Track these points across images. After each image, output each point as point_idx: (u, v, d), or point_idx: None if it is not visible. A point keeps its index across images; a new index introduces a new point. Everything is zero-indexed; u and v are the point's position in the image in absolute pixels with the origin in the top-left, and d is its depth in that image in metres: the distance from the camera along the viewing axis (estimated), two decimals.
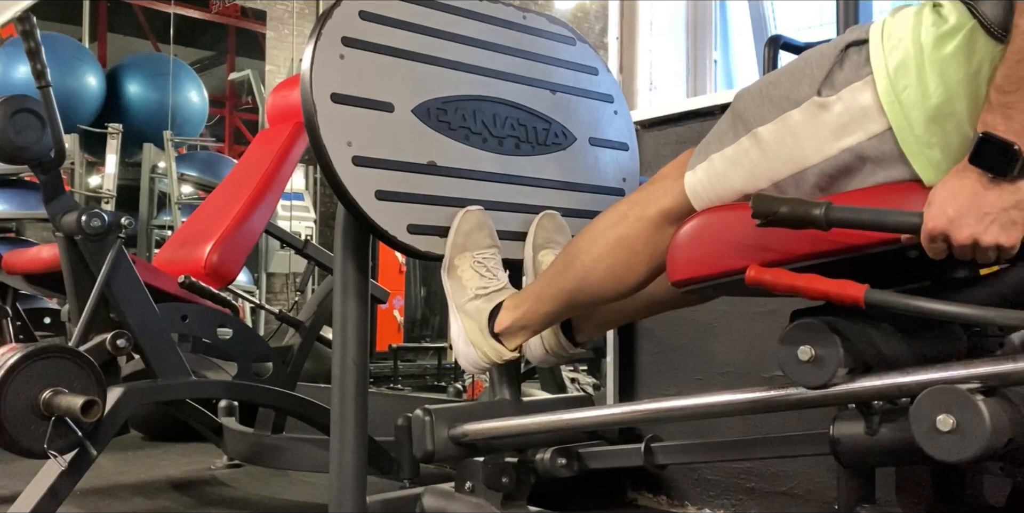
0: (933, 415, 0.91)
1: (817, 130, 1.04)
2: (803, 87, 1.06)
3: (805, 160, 1.05)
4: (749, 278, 1.03)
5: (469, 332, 1.46)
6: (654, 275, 1.28)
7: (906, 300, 0.94)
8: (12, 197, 4.68)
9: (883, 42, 1.00)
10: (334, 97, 1.41)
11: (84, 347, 1.79)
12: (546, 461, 1.45)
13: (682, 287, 1.16)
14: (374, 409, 1.62)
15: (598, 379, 3.85)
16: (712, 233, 1.12)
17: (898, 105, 0.97)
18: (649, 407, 1.28)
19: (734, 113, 1.15)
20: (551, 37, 1.75)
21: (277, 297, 7.45)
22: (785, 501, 2.01)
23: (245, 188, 2.50)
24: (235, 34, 9.09)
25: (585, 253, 1.32)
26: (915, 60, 0.96)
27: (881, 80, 0.98)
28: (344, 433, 1.46)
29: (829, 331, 1.02)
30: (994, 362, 0.94)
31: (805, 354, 1.03)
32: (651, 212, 1.24)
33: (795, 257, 1.03)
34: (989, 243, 0.89)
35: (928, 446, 0.92)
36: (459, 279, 1.49)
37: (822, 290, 0.98)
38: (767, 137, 1.09)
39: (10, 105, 1.78)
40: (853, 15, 1.63)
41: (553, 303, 1.38)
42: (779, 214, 0.97)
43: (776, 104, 1.08)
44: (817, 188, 1.06)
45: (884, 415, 1.10)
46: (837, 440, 1.14)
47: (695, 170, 1.18)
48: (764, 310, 2.07)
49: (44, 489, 1.65)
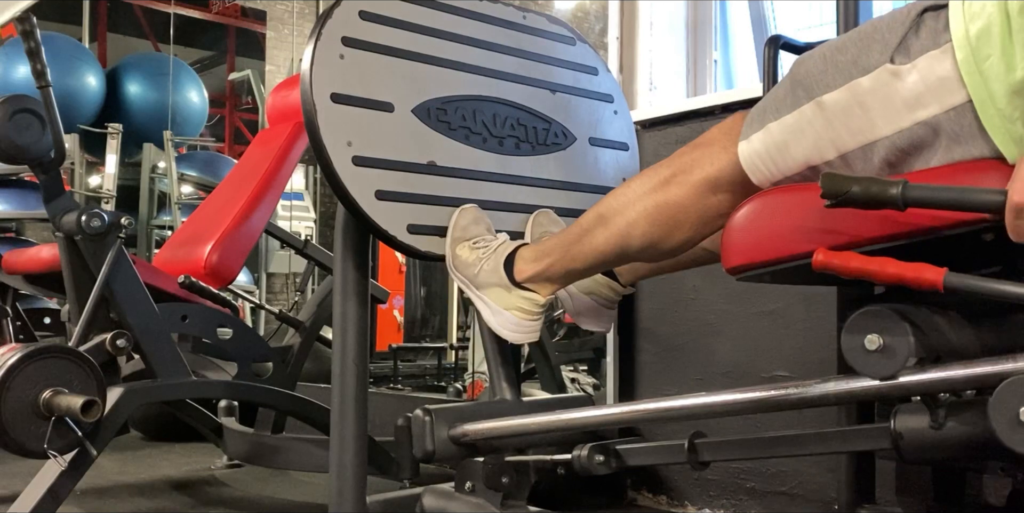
0: (1015, 407, 0.86)
1: (889, 100, 0.97)
2: (873, 53, 0.99)
3: (875, 132, 0.99)
4: (817, 262, 0.97)
5: (496, 300, 1.40)
6: (694, 242, 1.23)
7: (989, 284, 0.89)
8: (12, 197, 4.69)
9: (964, 8, 0.93)
10: (334, 97, 1.41)
11: (84, 347, 1.79)
12: (583, 458, 1.39)
13: (738, 274, 1.10)
14: (374, 409, 1.62)
15: (598, 379, 3.85)
16: (772, 216, 1.06)
17: (979, 76, 0.91)
18: (649, 407, 1.28)
19: (794, 79, 1.08)
20: (551, 37, 1.75)
21: (277, 297, 7.45)
22: (785, 501, 2.01)
23: (245, 188, 2.50)
24: (235, 34, 9.09)
25: (619, 215, 1.25)
26: (1000, 28, 0.90)
27: (961, 49, 0.91)
28: (344, 433, 1.46)
29: (899, 319, 0.96)
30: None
31: (873, 343, 0.97)
32: (695, 179, 1.17)
33: (864, 240, 0.98)
34: None
35: (1010, 439, 0.87)
36: (464, 262, 1.45)
37: (898, 274, 0.92)
38: (832, 106, 1.02)
39: (10, 105, 1.78)
40: (853, 15, 1.63)
41: (584, 261, 1.32)
42: (851, 193, 0.90)
43: (842, 70, 1.01)
44: (886, 163, 1.00)
45: (950, 408, 1.05)
46: (900, 434, 1.09)
47: (750, 139, 1.11)
48: (765, 310, 2.07)
49: (44, 489, 1.65)
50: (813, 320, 1.98)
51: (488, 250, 1.42)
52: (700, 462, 1.33)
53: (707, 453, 1.33)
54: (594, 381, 3.97)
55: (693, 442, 1.33)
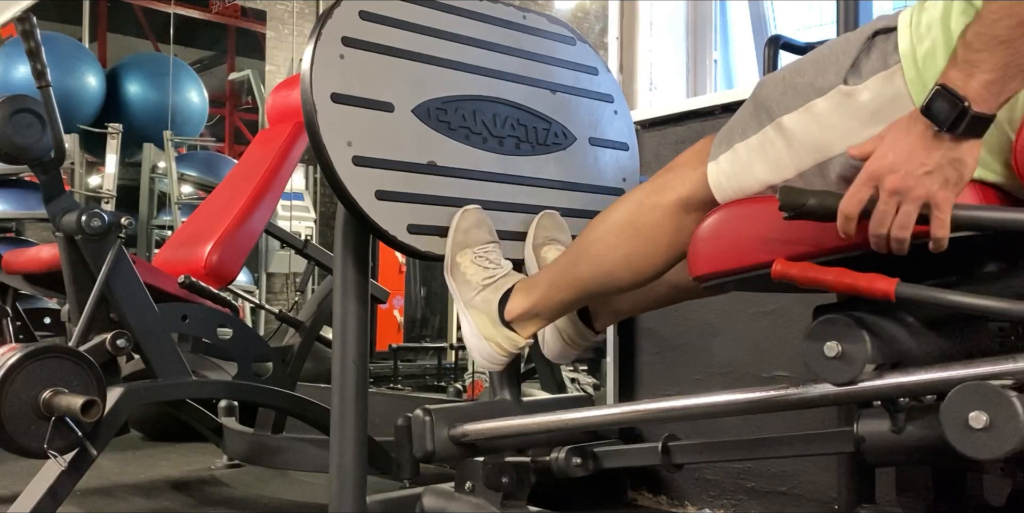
0: (965, 412, 0.89)
1: (843, 119, 1.02)
2: (829, 75, 1.03)
3: (831, 149, 1.03)
4: (775, 272, 1.01)
5: (480, 327, 1.43)
6: (670, 264, 1.26)
7: (938, 293, 0.92)
8: (12, 197, 4.69)
9: (912, 30, 0.98)
10: (334, 97, 1.41)
11: (84, 347, 1.79)
12: (561, 460, 1.43)
13: (704, 282, 1.14)
14: (374, 409, 1.62)
15: (598, 379, 3.85)
16: (735, 227, 1.10)
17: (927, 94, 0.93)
18: (649, 407, 1.28)
19: (756, 101, 1.12)
20: (551, 37, 1.75)
21: (277, 297, 7.45)
22: (785, 501, 2.01)
23: (245, 188, 2.50)
24: (235, 34, 9.08)
25: (599, 241, 1.29)
26: (944, 49, 0.94)
27: (909, 69, 0.96)
28: (344, 433, 1.46)
29: (856, 326, 1.00)
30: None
31: (832, 350, 1.01)
32: (668, 200, 1.21)
33: (822, 251, 1.01)
34: (919, 195, 0.88)
35: (960, 444, 0.90)
36: (463, 275, 1.47)
37: (851, 284, 0.95)
38: (792, 126, 1.06)
39: (10, 105, 1.78)
40: (853, 15, 1.63)
41: (568, 291, 1.35)
42: (807, 206, 0.94)
43: (800, 92, 1.06)
44: (843, 179, 1.02)
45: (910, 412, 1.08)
46: (862, 438, 1.12)
47: (718, 160, 1.15)
48: (765, 310, 2.07)
49: (44, 489, 1.65)
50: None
51: (490, 277, 1.44)
52: (673, 464, 1.37)
53: (680, 455, 1.37)
54: (594, 381, 3.97)
55: (667, 444, 1.37)
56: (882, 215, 0.91)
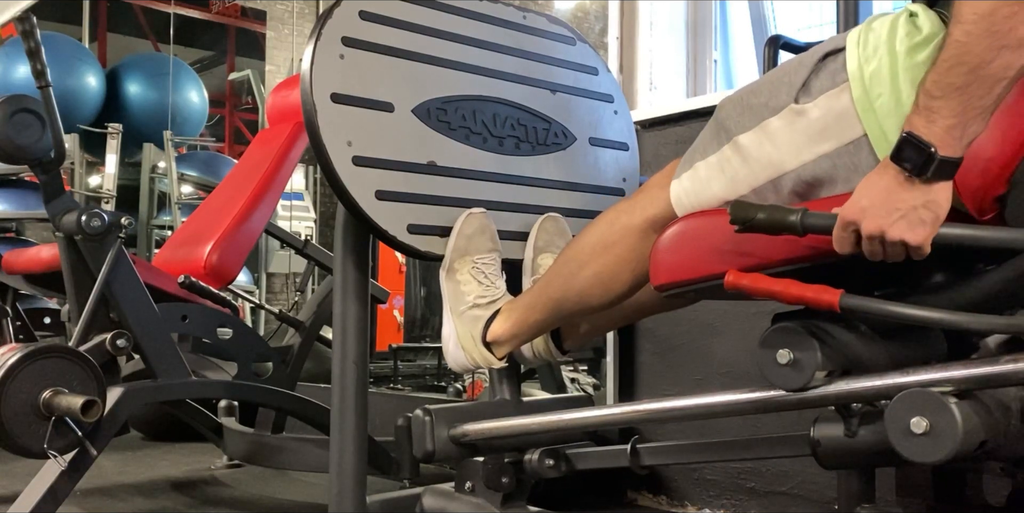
0: (907, 417, 0.93)
1: (794, 136, 1.06)
2: (781, 95, 1.08)
3: (783, 166, 1.07)
4: (727, 283, 1.05)
5: (461, 337, 1.48)
6: (640, 283, 1.30)
7: (880, 305, 0.96)
8: (12, 197, 4.68)
9: (859, 50, 1.02)
10: (334, 97, 1.41)
11: (84, 347, 1.79)
12: (534, 462, 1.46)
13: (664, 291, 1.18)
14: (374, 409, 1.62)
15: (598, 379, 3.85)
16: (692, 238, 1.14)
17: (873, 113, 0.99)
18: (649, 407, 1.28)
19: (717, 121, 1.17)
20: (551, 37, 1.75)
21: (277, 297, 7.45)
22: (785, 501, 2.01)
23: (245, 188, 2.50)
24: (235, 34, 9.08)
25: (572, 261, 1.34)
26: (889, 69, 0.98)
27: (856, 88, 1.00)
28: (344, 433, 1.46)
29: (807, 335, 1.04)
30: (968, 365, 0.96)
31: (783, 357, 1.05)
32: (637, 220, 1.26)
33: (773, 262, 1.05)
34: (895, 237, 0.91)
35: (902, 447, 0.94)
36: (457, 284, 1.50)
37: (798, 295, 1.00)
38: (747, 145, 1.11)
39: (10, 105, 1.78)
40: (853, 15, 1.63)
41: (543, 311, 1.40)
42: (756, 220, 0.99)
43: (755, 112, 1.10)
44: (795, 194, 1.07)
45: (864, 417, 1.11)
46: (817, 441, 1.16)
47: (680, 178, 1.20)
48: (764, 310, 2.07)
49: (44, 489, 1.65)
50: None
51: (483, 298, 1.48)
52: (641, 466, 1.40)
53: (648, 457, 1.40)
54: (594, 381, 3.97)
55: (635, 446, 1.40)
56: (871, 252, 0.94)
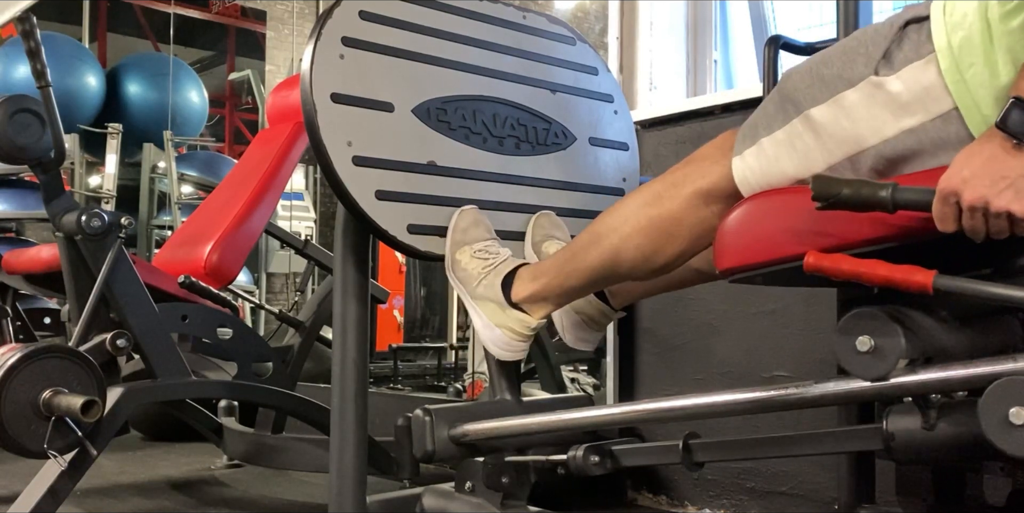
0: (1005, 408, 0.87)
1: (875, 110, 0.99)
2: (858, 66, 1.01)
3: (862, 142, 1.00)
4: (808, 265, 0.98)
5: (490, 315, 1.42)
6: (686, 257, 1.24)
7: (979, 286, 0.89)
8: (12, 197, 4.68)
9: (946, 18, 0.95)
10: (334, 97, 1.41)
11: (84, 347, 1.79)
12: (579, 458, 1.40)
13: (731, 275, 1.11)
14: (374, 409, 1.62)
15: (598, 379, 3.85)
16: (764, 219, 1.07)
17: (964, 84, 0.93)
18: (649, 407, 1.28)
19: (782, 94, 1.10)
20: (551, 37, 1.75)
21: (277, 297, 7.45)
22: (785, 501, 2.01)
23: (245, 188, 2.50)
24: (235, 34, 9.09)
25: (614, 232, 1.27)
26: (981, 37, 0.92)
27: (945, 58, 0.94)
28: (344, 433, 1.46)
29: (890, 320, 0.97)
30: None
31: (864, 345, 0.98)
32: (687, 192, 1.19)
33: (855, 243, 0.98)
34: (1000, 207, 0.85)
35: (999, 440, 0.88)
36: (464, 271, 1.46)
37: (887, 276, 0.93)
38: (821, 119, 1.04)
39: (10, 105, 1.78)
40: (853, 15, 1.63)
41: (577, 278, 1.33)
42: (842, 196, 0.91)
43: (828, 84, 1.03)
44: (875, 172, 1.01)
45: (941, 409, 1.05)
46: (892, 435, 1.10)
47: (743, 156, 1.12)
48: (764, 310, 2.07)
49: (44, 489, 1.65)
50: (813, 320, 1.98)
51: (489, 265, 1.43)
52: (695, 463, 1.33)
53: (701, 454, 1.33)
54: (594, 381, 3.97)
55: (688, 442, 1.33)
56: (973, 229, 0.88)
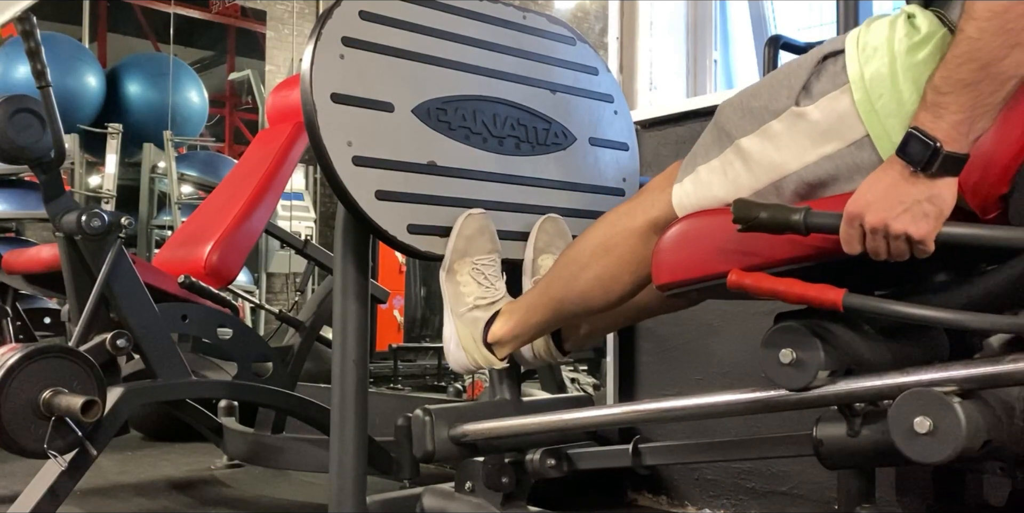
0: (911, 417, 0.93)
1: (796, 138, 1.06)
2: (781, 98, 1.08)
3: (785, 168, 1.07)
4: (730, 282, 1.05)
5: (463, 338, 1.49)
6: (641, 285, 1.30)
7: (883, 304, 0.96)
8: (12, 197, 4.68)
9: (859, 52, 1.02)
10: (334, 97, 1.41)
11: (84, 347, 1.78)
12: (535, 462, 1.47)
13: (666, 291, 1.18)
14: (374, 409, 1.62)
15: (598, 379, 3.85)
16: (695, 238, 1.14)
17: (875, 114, 0.99)
18: (649, 407, 1.28)
19: (717, 125, 1.17)
20: (551, 37, 1.75)
21: (277, 297, 7.45)
22: (785, 501, 2.01)
23: (245, 188, 2.50)
24: (235, 34, 9.08)
25: (574, 262, 1.34)
26: (889, 69, 0.99)
27: (858, 89, 1.01)
28: (344, 433, 1.46)
29: (810, 334, 1.04)
30: (971, 365, 0.96)
31: (786, 357, 1.05)
32: (638, 223, 1.26)
33: (776, 262, 1.05)
34: (898, 230, 0.91)
35: (905, 447, 0.94)
36: (457, 285, 1.51)
37: (801, 294, 1.00)
38: (749, 148, 1.11)
39: (10, 105, 1.78)
40: (853, 15, 1.63)
41: (543, 313, 1.40)
42: (759, 219, 0.99)
43: (756, 116, 1.11)
44: (797, 195, 1.08)
45: (866, 417, 1.11)
46: (820, 441, 1.16)
47: (682, 182, 1.20)
48: (764, 310, 2.07)
49: (44, 489, 1.65)
50: None
51: (484, 300, 1.49)
52: (643, 466, 1.40)
53: (650, 457, 1.40)
54: (594, 381, 3.98)
55: (637, 446, 1.40)
56: (874, 249, 0.94)
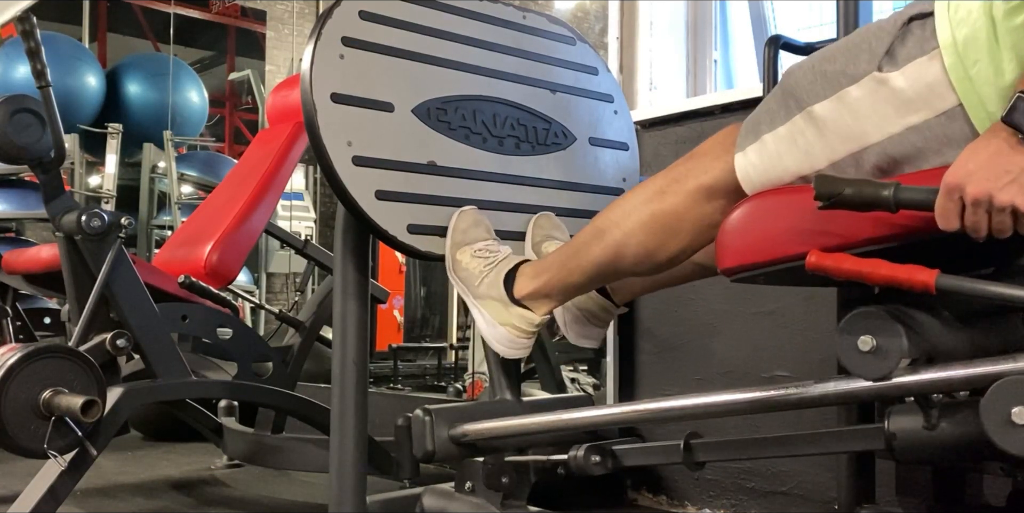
0: (1007, 407, 0.87)
1: (878, 107, 0.98)
2: (861, 62, 1.00)
3: (866, 139, 1.00)
4: (810, 264, 0.97)
5: (493, 314, 1.41)
6: (689, 252, 1.24)
7: (982, 286, 0.89)
8: (12, 197, 4.68)
9: (950, 15, 0.94)
10: (334, 97, 1.41)
11: (84, 347, 1.79)
12: (579, 458, 1.40)
13: (732, 275, 1.10)
14: (374, 409, 1.62)
15: (598, 379, 3.85)
16: (766, 218, 1.06)
17: (968, 81, 0.92)
18: (649, 407, 1.28)
19: (784, 90, 1.09)
20: (551, 37, 1.75)
21: (277, 297, 7.45)
22: (785, 501, 2.01)
23: (245, 188, 2.50)
24: (235, 34, 9.09)
25: (616, 227, 1.27)
26: (986, 33, 0.91)
27: (949, 55, 0.93)
28: (344, 433, 1.46)
29: (892, 320, 0.96)
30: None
31: (866, 344, 0.97)
32: (689, 187, 1.18)
33: (857, 242, 0.98)
34: (1004, 202, 0.84)
35: (1001, 440, 0.88)
36: (465, 270, 1.46)
37: (889, 275, 0.92)
38: (823, 115, 1.03)
39: (10, 105, 1.78)
40: (853, 15, 1.63)
41: (580, 274, 1.33)
42: (844, 195, 0.91)
43: (831, 80, 1.03)
44: (878, 170, 1.00)
45: (943, 409, 1.05)
46: (893, 435, 1.10)
47: (745, 152, 1.12)
48: (764, 310, 2.07)
49: (44, 489, 1.65)
50: (813, 320, 1.98)
51: (490, 263, 1.43)
52: (696, 462, 1.33)
53: (703, 453, 1.33)
54: (594, 381, 3.98)
55: (689, 442, 1.33)
56: (974, 225, 0.87)
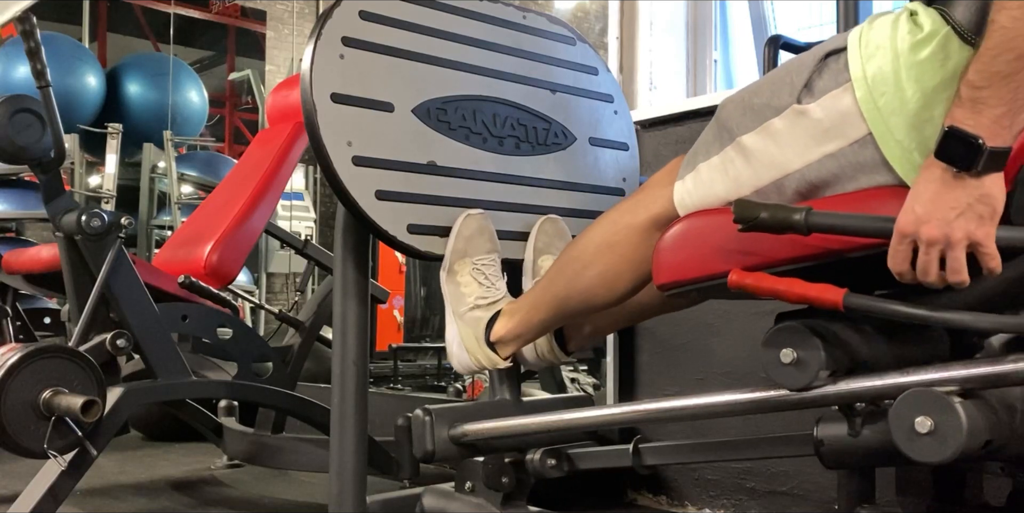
0: (912, 417, 0.93)
1: (798, 137, 1.05)
2: (783, 95, 1.07)
3: (787, 166, 1.07)
4: (731, 282, 1.05)
5: (465, 339, 1.48)
6: (643, 282, 1.30)
7: (884, 304, 0.95)
8: (12, 197, 4.68)
9: (861, 50, 1.01)
10: (334, 97, 1.41)
11: (84, 347, 1.79)
12: (536, 462, 1.46)
13: (667, 290, 1.17)
14: (374, 409, 1.62)
15: (598, 379, 3.85)
16: (696, 237, 1.14)
17: (877, 111, 0.98)
18: (649, 407, 1.28)
19: (719, 122, 1.17)
20: (551, 37, 1.75)
21: (277, 297, 7.45)
22: (785, 501, 2.01)
23: (245, 188, 2.50)
24: (235, 34, 9.09)
25: (576, 260, 1.33)
26: (892, 66, 0.98)
27: (860, 88, 1.00)
28: (344, 433, 1.46)
29: (810, 334, 1.04)
30: (972, 365, 0.96)
31: (787, 357, 1.05)
32: (640, 219, 1.26)
33: (777, 261, 1.05)
34: (958, 238, 0.88)
35: (906, 447, 0.94)
36: (458, 285, 1.50)
37: (802, 294, 1.00)
38: (750, 145, 1.10)
39: (10, 105, 1.78)
40: (853, 15, 1.63)
41: (546, 311, 1.40)
42: (760, 219, 0.98)
43: (758, 113, 1.10)
44: (798, 195, 1.07)
45: (867, 417, 1.11)
46: (821, 441, 1.16)
47: (684, 180, 1.20)
48: (764, 310, 2.07)
49: (44, 489, 1.65)
50: None
51: (484, 299, 1.49)
52: (644, 466, 1.40)
53: (651, 457, 1.40)
54: (594, 381, 3.98)
55: (638, 446, 1.39)
56: (925, 266, 0.91)
